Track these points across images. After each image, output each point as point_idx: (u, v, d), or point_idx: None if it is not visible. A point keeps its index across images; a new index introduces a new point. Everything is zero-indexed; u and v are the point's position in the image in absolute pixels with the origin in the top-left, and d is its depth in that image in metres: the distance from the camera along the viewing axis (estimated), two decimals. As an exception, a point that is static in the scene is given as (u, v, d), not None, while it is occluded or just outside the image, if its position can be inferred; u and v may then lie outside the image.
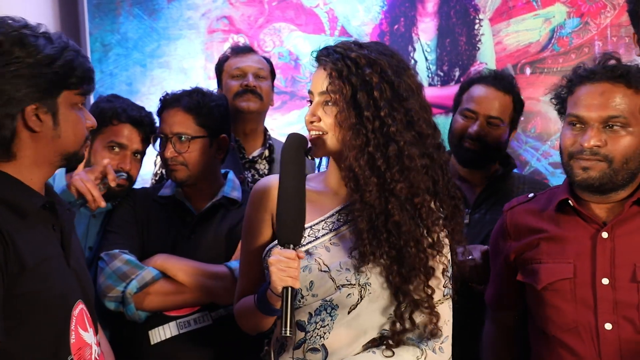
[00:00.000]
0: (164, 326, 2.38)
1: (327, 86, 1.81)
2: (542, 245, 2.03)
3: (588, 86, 1.96)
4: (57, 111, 1.68)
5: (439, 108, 3.68)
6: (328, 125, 1.82)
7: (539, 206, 2.10)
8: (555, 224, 2.03)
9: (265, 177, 2.00)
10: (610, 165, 1.91)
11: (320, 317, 1.79)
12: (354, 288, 1.78)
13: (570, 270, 1.96)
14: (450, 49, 3.68)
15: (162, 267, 2.37)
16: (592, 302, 1.93)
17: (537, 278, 2.00)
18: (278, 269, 1.66)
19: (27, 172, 1.69)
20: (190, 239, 2.45)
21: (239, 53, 3.13)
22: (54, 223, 1.73)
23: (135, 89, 4.09)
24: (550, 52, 3.48)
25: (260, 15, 3.96)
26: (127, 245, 2.41)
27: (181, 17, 4.05)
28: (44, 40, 1.66)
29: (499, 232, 2.17)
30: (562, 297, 1.97)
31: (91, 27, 4.11)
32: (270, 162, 3.10)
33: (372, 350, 1.79)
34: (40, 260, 1.62)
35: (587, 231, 1.98)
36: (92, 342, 1.76)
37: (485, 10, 3.59)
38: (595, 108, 1.92)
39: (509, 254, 2.11)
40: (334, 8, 3.84)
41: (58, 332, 1.66)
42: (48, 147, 1.69)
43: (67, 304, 1.69)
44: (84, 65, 1.71)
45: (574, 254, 1.98)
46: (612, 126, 1.92)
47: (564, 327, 1.97)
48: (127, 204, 2.52)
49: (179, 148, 2.46)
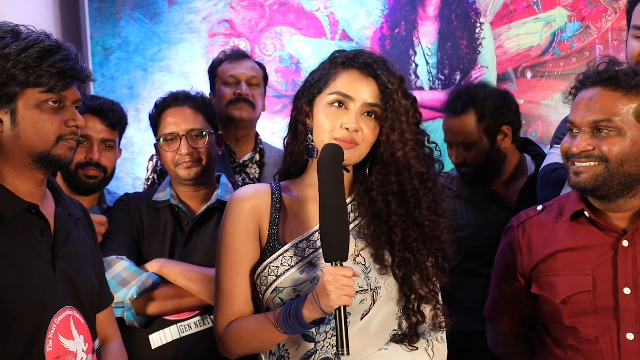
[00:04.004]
0: (165, 330, 2.38)
1: (379, 99, 1.80)
2: (558, 258, 2.00)
3: (582, 92, 1.97)
4: (16, 110, 1.65)
5: (440, 112, 3.68)
6: (365, 137, 1.79)
7: (551, 218, 2.06)
8: (571, 235, 2.00)
9: (243, 188, 1.93)
10: (607, 166, 1.90)
11: (330, 326, 1.77)
12: (367, 293, 1.78)
13: (589, 282, 1.93)
14: (451, 53, 3.68)
15: (161, 271, 2.37)
16: (614, 312, 1.91)
17: (555, 291, 1.97)
18: (337, 287, 1.61)
19: (7, 176, 1.68)
20: (187, 243, 2.45)
21: (233, 59, 3.12)
22: (43, 228, 1.70)
23: (136, 93, 4.09)
24: (551, 55, 3.48)
25: (261, 19, 3.96)
26: (125, 251, 2.41)
27: (182, 21, 4.05)
28: (11, 39, 1.64)
29: (508, 248, 2.12)
30: (581, 309, 1.94)
31: (92, 30, 4.11)
32: (260, 166, 3.10)
33: (384, 347, 1.80)
34: (8, 267, 1.60)
35: (606, 240, 1.95)
36: (78, 350, 1.73)
37: (486, 13, 3.59)
38: (583, 113, 1.93)
39: (522, 270, 2.07)
40: (335, 12, 3.85)
41: (28, 340, 1.62)
42: (13, 148, 1.66)
43: (41, 312, 1.65)
44: (56, 62, 1.66)
45: (592, 264, 1.95)
46: (601, 130, 1.91)
47: (582, 337, 1.94)
48: (122, 209, 2.52)
49: (195, 144, 2.47)
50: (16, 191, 1.68)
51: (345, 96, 1.79)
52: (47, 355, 1.65)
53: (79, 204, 1.95)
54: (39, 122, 1.67)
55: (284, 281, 1.80)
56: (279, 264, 1.81)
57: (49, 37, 1.69)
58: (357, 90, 1.79)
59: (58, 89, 1.67)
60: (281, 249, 1.82)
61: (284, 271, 1.80)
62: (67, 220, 1.79)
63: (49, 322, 1.66)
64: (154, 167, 2.99)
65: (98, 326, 1.88)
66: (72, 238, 1.79)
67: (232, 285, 1.84)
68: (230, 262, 1.85)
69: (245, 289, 1.84)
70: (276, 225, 1.85)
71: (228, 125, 2.99)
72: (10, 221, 1.65)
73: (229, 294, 1.85)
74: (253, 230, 1.85)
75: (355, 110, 1.79)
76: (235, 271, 1.84)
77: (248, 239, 1.84)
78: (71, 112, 1.72)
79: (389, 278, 1.81)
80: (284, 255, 1.81)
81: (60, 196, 1.82)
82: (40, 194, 1.74)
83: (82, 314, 1.76)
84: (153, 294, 2.34)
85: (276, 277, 1.80)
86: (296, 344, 1.79)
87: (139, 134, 4.01)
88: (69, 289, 1.73)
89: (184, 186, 2.52)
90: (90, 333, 1.79)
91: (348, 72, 1.82)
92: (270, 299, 1.81)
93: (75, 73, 1.71)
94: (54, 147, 1.69)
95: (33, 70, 1.63)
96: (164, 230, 2.48)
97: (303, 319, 1.68)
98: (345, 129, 1.77)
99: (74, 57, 1.71)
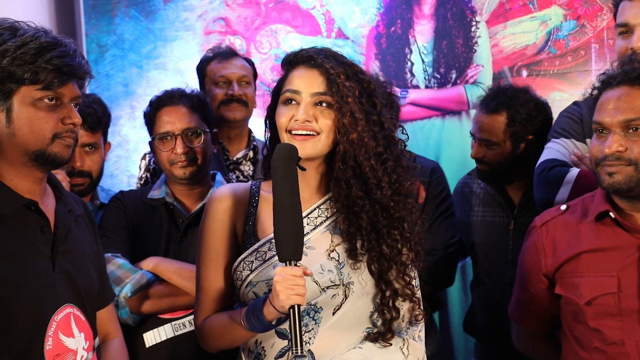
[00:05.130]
0: (159, 329, 2.38)
1: (325, 87, 1.80)
2: (582, 259, 1.98)
3: (608, 92, 1.94)
4: (12, 108, 1.64)
5: (436, 110, 3.68)
6: (323, 127, 1.81)
7: (576, 218, 2.04)
8: (596, 236, 1.98)
9: (221, 187, 1.98)
10: (637, 168, 1.88)
11: (303, 322, 1.77)
12: (339, 288, 1.79)
13: (614, 284, 1.92)
14: (447, 51, 3.67)
15: (155, 270, 2.36)
16: (639, 315, 1.89)
17: (579, 292, 1.96)
18: (285, 287, 1.63)
19: (5, 173, 1.67)
20: (182, 242, 2.45)
21: (223, 58, 3.08)
22: (42, 225, 1.70)
23: (132, 90, 4.08)
24: (547, 54, 3.48)
25: (256, 16, 3.95)
26: (119, 248, 2.40)
27: (177, 19, 4.04)
28: (8, 36, 1.63)
29: (532, 249, 2.10)
30: (606, 311, 1.92)
31: (87, 28, 4.10)
32: (254, 163, 3.08)
33: (358, 346, 1.80)
34: (6, 264, 1.60)
35: (631, 242, 1.93)
36: (79, 348, 1.73)
37: (482, 12, 3.59)
38: (613, 113, 1.90)
39: (546, 271, 2.06)
40: (331, 10, 3.84)
41: (27, 338, 1.62)
42: (9, 146, 1.66)
43: (41, 310, 1.65)
44: (53, 59, 1.65)
45: (618, 266, 1.93)
46: (635, 129, 1.89)
47: (608, 340, 1.92)
48: (117, 207, 2.52)
49: (190, 143, 2.47)
50: (15, 188, 1.67)
51: (293, 92, 1.83)
52: (47, 353, 1.65)
53: (80, 200, 1.95)
54: (35, 120, 1.65)
55: (258, 275, 1.82)
56: (253, 259, 1.84)
57: (47, 34, 1.68)
58: (303, 83, 1.82)
59: (55, 86, 1.66)
60: (255, 244, 1.85)
61: (257, 266, 1.83)
62: (67, 217, 1.78)
63: (49, 320, 1.66)
64: (147, 166, 2.98)
65: (99, 324, 1.88)
66: (73, 235, 1.79)
67: (209, 282, 1.89)
68: (207, 259, 1.90)
69: (220, 285, 1.89)
70: (252, 222, 1.88)
71: (221, 125, 2.98)
72: (9, 218, 1.64)
73: (206, 290, 1.90)
74: (229, 229, 1.89)
75: (306, 102, 1.81)
76: (211, 268, 1.89)
77: (225, 237, 1.88)
78: (68, 109, 1.70)
79: (364, 273, 1.82)
80: (259, 250, 1.84)
81: (61, 193, 1.81)
82: (40, 191, 1.73)
83: (83, 311, 1.76)
84: (147, 292, 2.34)
85: (250, 271, 1.83)
86: (271, 341, 1.82)
87: (134, 131, 4.00)
88: (69, 286, 1.72)
89: (179, 185, 2.52)
90: (91, 331, 1.79)
91: (295, 69, 1.86)
92: (245, 293, 1.84)
93: (73, 70, 1.69)
94: (50, 146, 1.68)
95: (29, 67, 1.62)
96: (159, 228, 2.48)
97: (264, 318, 1.71)
98: (296, 121, 1.80)
99: (71, 53, 1.70)
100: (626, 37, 2.34)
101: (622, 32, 2.36)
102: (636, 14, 2.30)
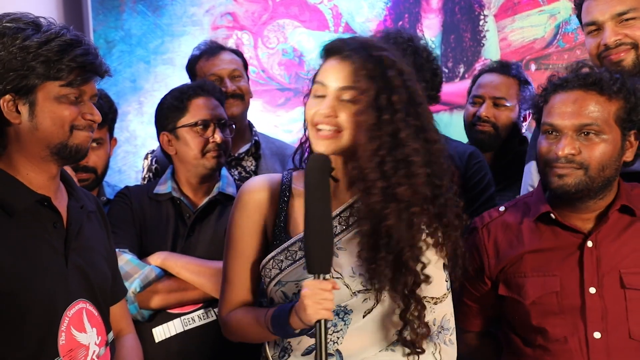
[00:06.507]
0: (168, 323, 2.37)
1: (352, 82, 1.73)
2: (525, 259, 2.01)
3: (561, 94, 1.95)
4: (35, 103, 1.65)
5: (444, 105, 3.67)
6: (345, 123, 1.73)
7: (516, 219, 2.06)
8: (537, 236, 2.01)
9: (254, 178, 1.93)
10: (587, 173, 1.90)
11: (332, 322, 1.75)
12: (371, 293, 1.75)
13: (556, 283, 1.95)
14: (455, 45, 3.67)
15: (164, 264, 2.36)
16: (580, 312, 1.92)
17: (524, 292, 1.98)
18: (314, 302, 1.60)
19: (22, 168, 1.68)
20: (189, 237, 2.44)
21: (210, 55, 3.01)
22: (55, 220, 1.71)
23: (139, 86, 4.09)
24: (556, 48, 3.47)
25: (264, 11, 3.95)
26: (127, 244, 2.39)
27: (185, 14, 4.04)
28: (32, 31, 1.64)
29: (474, 251, 2.08)
30: (549, 310, 1.95)
31: (95, 23, 4.11)
32: (256, 158, 3.02)
33: (391, 349, 1.78)
34: (20, 259, 1.60)
35: (571, 241, 1.97)
36: (91, 343, 1.73)
37: (490, 6, 3.58)
38: (568, 116, 1.92)
39: (490, 272, 2.07)
40: (338, 4, 3.83)
41: (41, 333, 1.63)
42: (31, 140, 1.66)
43: (54, 305, 1.65)
44: (77, 57, 1.66)
45: (559, 265, 1.97)
46: (587, 133, 1.91)
47: (551, 338, 1.95)
48: (123, 202, 2.51)
49: (225, 133, 2.50)
50: (29, 184, 1.68)
51: (320, 84, 1.77)
52: (61, 348, 1.66)
53: (92, 197, 1.95)
54: (57, 115, 1.67)
55: (287, 275, 1.79)
56: (283, 258, 1.80)
57: (69, 31, 1.70)
58: (330, 76, 1.76)
59: (77, 83, 1.68)
60: (286, 242, 1.81)
61: (287, 265, 1.80)
62: (80, 213, 1.79)
63: (61, 315, 1.67)
64: (149, 166, 2.96)
65: (112, 319, 1.88)
66: (85, 231, 1.80)
67: (235, 275, 1.88)
68: (234, 253, 1.88)
69: (247, 280, 1.87)
70: (284, 217, 1.84)
71: None
72: (22, 213, 1.65)
73: (232, 283, 1.89)
74: (259, 223, 1.85)
75: (330, 96, 1.75)
76: (238, 262, 1.87)
77: (255, 232, 1.85)
78: (89, 106, 1.73)
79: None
80: (289, 249, 1.80)
81: (73, 189, 1.82)
82: (53, 187, 1.74)
83: (96, 306, 1.76)
84: (156, 288, 2.34)
85: (280, 270, 1.80)
86: (298, 338, 1.79)
87: (142, 127, 4.01)
88: (82, 281, 1.73)
89: (196, 177, 2.49)
90: (104, 326, 1.79)
91: (327, 61, 1.80)
92: (274, 291, 1.81)
93: (95, 68, 1.71)
94: (71, 138, 1.69)
95: (54, 64, 1.64)
96: (166, 223, 2.47)
97: (290, 327, 1.69)
98: (320, 114, 1.74)
99: (93, 51, 1.72)
100: (596, 35, 2.34)
101: (590, 31, 2.36)
102: (603, 10, 2.31)
